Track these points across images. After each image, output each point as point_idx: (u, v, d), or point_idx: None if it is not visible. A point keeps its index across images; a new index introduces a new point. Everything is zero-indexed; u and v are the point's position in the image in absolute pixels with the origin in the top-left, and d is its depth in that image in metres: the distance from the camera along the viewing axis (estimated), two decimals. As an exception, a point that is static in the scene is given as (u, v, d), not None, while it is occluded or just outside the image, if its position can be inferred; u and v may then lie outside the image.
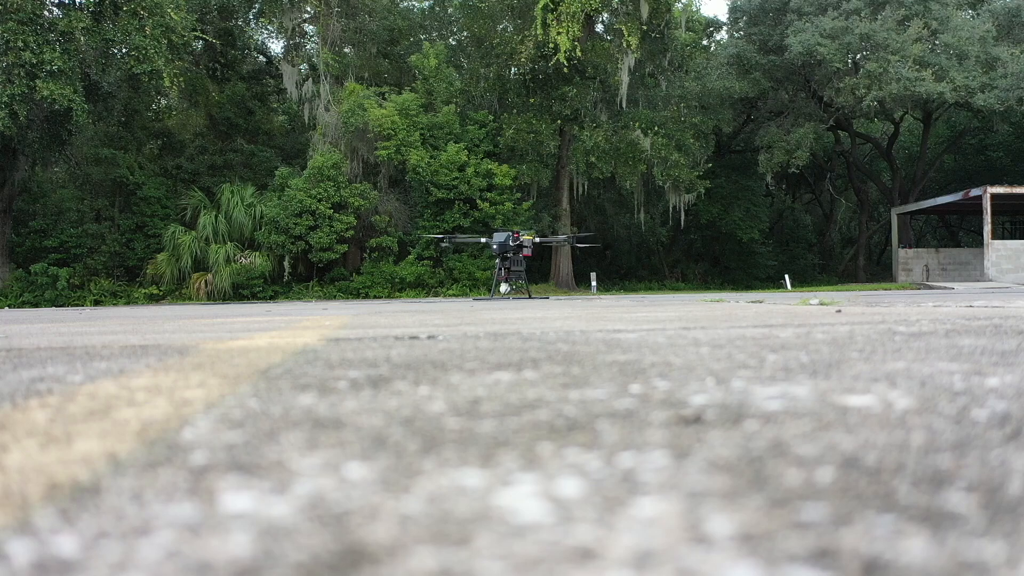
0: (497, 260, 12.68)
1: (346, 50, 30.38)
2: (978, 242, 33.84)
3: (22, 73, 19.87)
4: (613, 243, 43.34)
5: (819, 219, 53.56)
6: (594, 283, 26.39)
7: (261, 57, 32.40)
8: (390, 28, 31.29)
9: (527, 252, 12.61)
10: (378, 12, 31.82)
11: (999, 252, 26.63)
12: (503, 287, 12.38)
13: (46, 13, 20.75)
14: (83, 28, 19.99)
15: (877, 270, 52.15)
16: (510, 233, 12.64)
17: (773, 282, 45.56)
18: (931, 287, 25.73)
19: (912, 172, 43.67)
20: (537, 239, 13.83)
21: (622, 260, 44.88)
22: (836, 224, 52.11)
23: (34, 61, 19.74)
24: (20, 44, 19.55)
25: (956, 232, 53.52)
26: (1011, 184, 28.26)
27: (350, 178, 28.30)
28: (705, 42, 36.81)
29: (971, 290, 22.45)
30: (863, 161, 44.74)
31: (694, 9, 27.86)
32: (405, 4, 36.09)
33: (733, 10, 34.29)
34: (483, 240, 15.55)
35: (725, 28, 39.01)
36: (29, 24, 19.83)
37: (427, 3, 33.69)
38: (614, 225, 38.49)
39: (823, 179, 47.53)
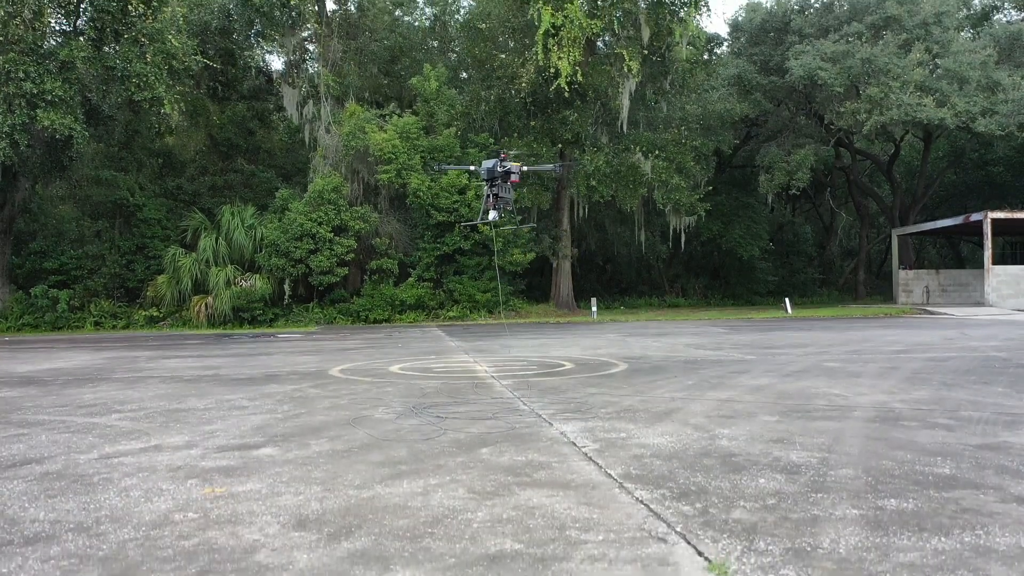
0: (485, 188, 12.70)
1: (347, 67, 30.31)
2: (980, 256, 33.75)
3: (23, 103, 19.83)
4: (613, 257, 43.32)
5: (819, 231, 53.54)
6: (594, 308, 26.35)
7: (262, 75, 32.33)
8: (391, 48, 31.29)
9: (515, 179, 12.63)
10: (378, 32, 31.83)
11: (999, 278, 26.60)
12: (492, 214, 12.39)
13: (48, 42, 20.68)
14: (83, 57, 19.99)
15: (877, 283, 52.09)
16: (497, 159, 12.69)
17: (774, 297, 45.47)
18: (931, 312, 25.69)
19: (912, 186, 43.68)
20: (525, 168, 13.90)
21: (622, 275, 44.83)
22: (837, 237, 52.12)
23: (35, 91, 19.71)
24: (21, 74, 19.53)
25: (957, 244, 53.55)
26: (1011, 208, 28.23)
27: (351, 200, 28.25)
28: (706, 56, 36.80)
29: (970, 318, 22.42)
30: (864, 176, 44.74)
31: (696, 26, 27.72)
32: (406, 19, 36.14)
33: (734, 28, 34.30)
34: (471, 168, 15.66)
35: (726, 43, 39.02)
36: (30, 54, 19.81)
37: (428, 22, 33.64)
38: (615, 242, 38.47)
39: (823, 192, 47.55)
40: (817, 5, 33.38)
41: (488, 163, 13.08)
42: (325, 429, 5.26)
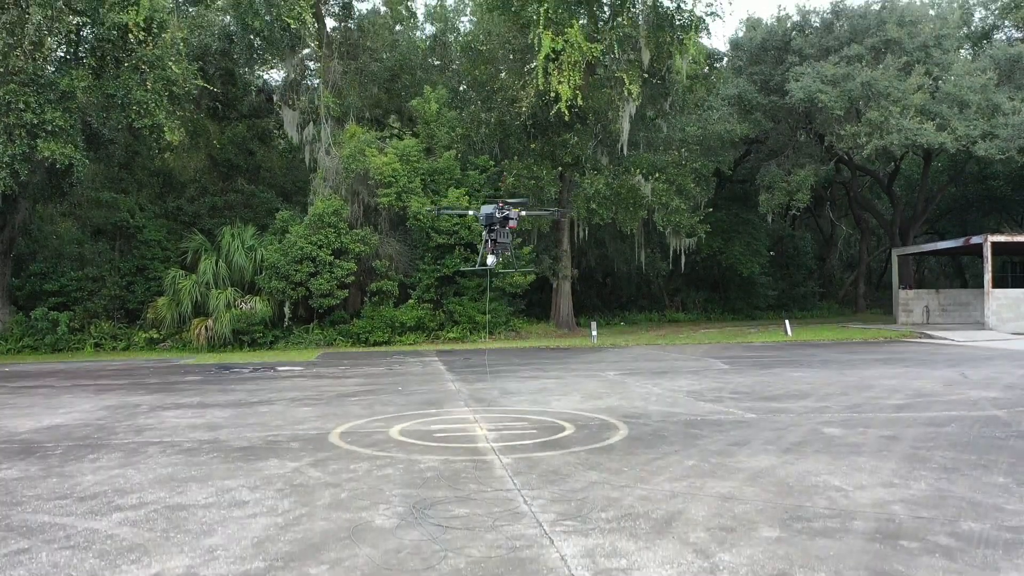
0: (484, 232, 12.86)
1: (347, 87, 30.34)
2: (981, 268, 33.73)
3: (23, 133, 19.85)
4: (613, 273, 43.31)
5: (819, 243, 53.54)
6: (594, 332, 26.34)
7: (262, 93, 32.38)
8: (391, 67, 31.31)
9: (512, 224, 12.76)
10: (379, 51, 31.85)
11: (999, 301, 26.62)
12: (490, 259, 12.51)
13: (47, 69, 20.68)
14: (84, 87, 19.98)
15: (877, 296, 52.14)
16: (496, 204, 12.81)
17: (774, 311, 45.51)
18: (930, 337, 25.69)
19: (912, 199, 43.71)
20: (523, 212, 14.04)
21: (622, 289, 44.85)
22: (837, 250, 52.15)
23: (35, 121, 19.72)
24: (21, 105, 19.53)
25: (959, 257, 53.58)
26: (1012, 228, 28.22)
27: (351, 221, 28.29)
28: (706, 69, 36.81)
29: (970, 345, 22.42)
30: (864, 189, 44.77)
31: (696, 47, 27.70)
32: (407, 36, 36.14)
33: (734, 47, 34.31)
34: (470, 212, 15.80)
35: (726, 59, 39.01)
36: (30, 85, 19.82)
37: (428, 42, 33.64)
38: (615, 259, 38.47)
39: (823, 205, 47.58)
40: (817, 23, 33.40)
41: (487, 209, 13.12)
42: (325, 547, 5.26)
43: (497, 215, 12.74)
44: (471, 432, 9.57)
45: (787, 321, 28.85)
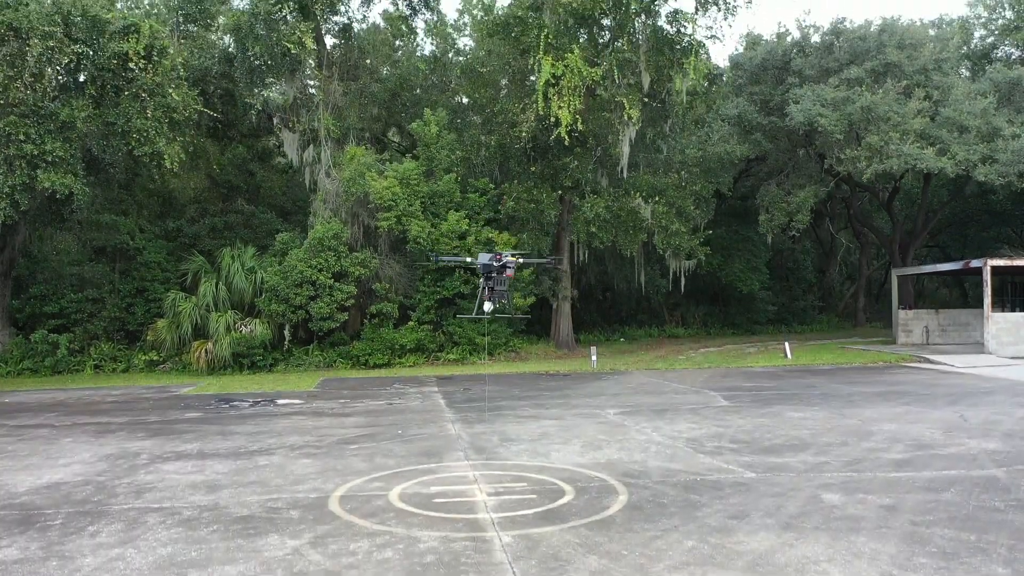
0: (482, 280, 13.09)
1: (347, 108, 30.35)
2: (981, 282, 33.69)
3: (23, 164, 19.87)
4: (613, 288, 43.29)
5: (819, 255, 53.54)
6: (594, 357, 26.33)
7: (263, 114, 32.38)
8: (391, 88, 31.32)
9: (510, 272, 12.95)
10: (379, 71, 31.89)
11: (999, 325, 26.64)
12: (487, 306, 12.66)
13: (48, 102, 20.69)
14: (84, 117, 20.00)
15: (878, 308, 52.18)
16: (494, 254, 12.98)
17: (774, 325, 45.55)
18: (930, 361, 25.71)
19: (913, 213, 43.73)
20: (521, 260, 14.21)
21: (622, 304, 44.83)
22: (837, 263, 52.16)
23: (35, 152, 19.74)
24: (22, 136, 19.55)
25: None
26: (1011, 254, 28.24)
27: (351, 243, 28.31)
28: (706, 84, 36.83)
29: (970, 373, 22.43)
30: (864, 203, 44.80)
31: (696, 70, 27.69)
32: (407, 52, 36.16)
33: (734, 66, 34.32)
34: (468, 260, 15.93)
35: (726, 75, 39.03)
36: (30, 116, 19.84)
37: (427, 67, 33.63)
38: (615, 276, 38.47)
39: (823, 219, 47.59)
40: (817, 40, 33.41)
41: (484, 257, 13.20)
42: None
43: (494, 263, 12.83)
44: (471, 497, 9.57)
45: (787, 343, 28.84)
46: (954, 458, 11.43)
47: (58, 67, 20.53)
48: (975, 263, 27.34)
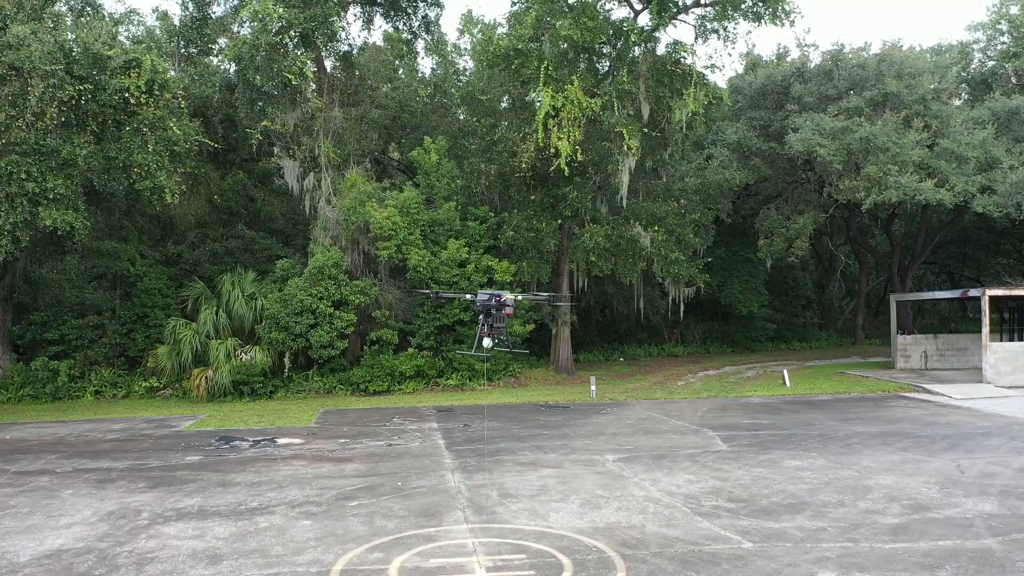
0: (480, 316, 13.28)
1: (347, 135, 30.44)
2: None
3: (24, 201, 19.96)
4: (612, 307, 43.36)
5: (818, 272, 53.60)
6: (594, 388, 26.40)
7: (265, 139, 32.51)
8: (391, 114, 31.43)
9: (509, 311, 13.13)
10: (378, 92, 31.98)
11: (997, 354, 26.71)
12: (486, 342, 12.82)
13: (49, 140, 20.77)
14: (86, 154, 20.09)
15: (877, 324, 52.26)
16: (493, 293, 13.17)
17: (772, 343, 45.66)
18: (927, 392, 25.79)
19: (913, 229, 43.79)
20: (520, 297, 14.38)
21: (621, 323, 44.91)
22: (836, 280, 52.22)
23: (37, 190, 19.84)
24: (23, 175, 19.65)
25: (957, 278, 53.69)
26: (1010, 283, 28.32)
27: (351, 270, 28.40)
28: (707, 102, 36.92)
29: (967, 408, 22.49)
30: (863, 219, 44.85)
31: (697, 97, 27.73)
32: (407, 72, 36.27)
33: (733, 90, 34.41)
34: (468, 296, 16.07)
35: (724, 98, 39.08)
36: (32, 155, 19.93)
37: (428, 89, 33.75)
38: (614, 299, 38.55)
39: (822, 236, 47.67)
40: (816, 64, 33.47)
41: (483, 295, 13.33)
42: None
43: (494, 301, 12.94)
44: (470, 574, 9.63)
45: (785, 371, 28.93)
46: (950, 524, 11.50)
47: (60, 105, 20.58)
48: (973, 292, 27.44)
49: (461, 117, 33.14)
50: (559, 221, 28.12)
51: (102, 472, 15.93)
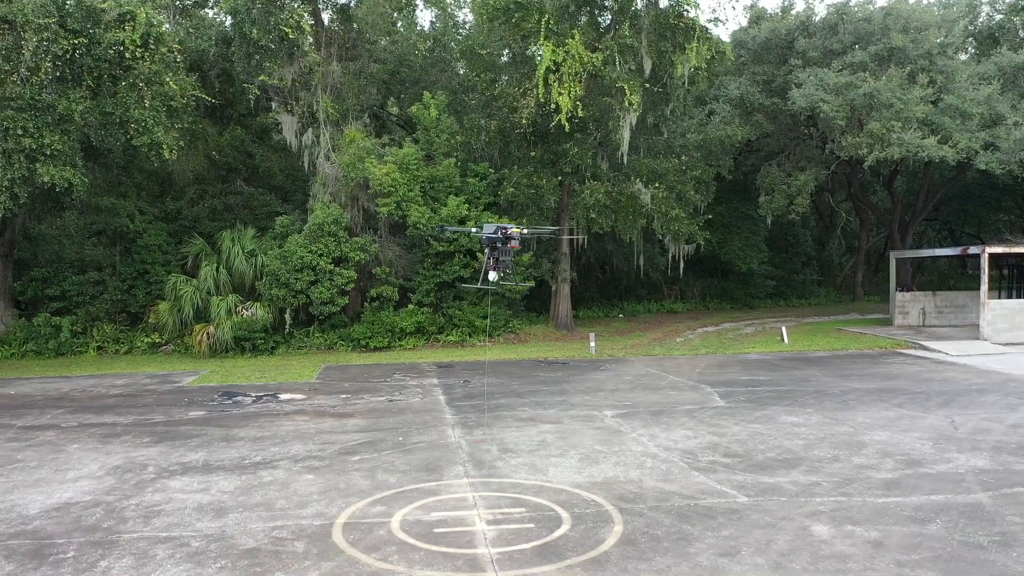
0: (486, 250, 13.37)
1: (345, 90, 30.11)
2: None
3: (21, 157, 19.84)
4: (612, 264, 43.39)
5: (819, 228, 53.49)
6: (593, 344, 26.56)
7: (263, 94, 32.16)
8: (390, 69, 31.03)
9: (515, 244, 13.20)
10: (376, 46, 31.53)
11: (995, 312, 26.82)
12: (492, 275, 12.96)
13: (44, 95, 20.55)
14: (82, 109, 19.90)
15: (876, 281, 52.35)
16: (499, 226, 13.23)
17: (772, 299, 45.78)
18: (925, 348, 25.98)
19: (915, 187, 43.63)
20: (526, 231, 14.45)
21: (621, 279, 44.99)
22: (837, 237, 52.14)
23: (34, 146, 19.70)
24: (19, 131, 19.49)
25: (957, 234, 53.58)
26: (1010, 240, 28.30)
27: (351, 227, 28.36)
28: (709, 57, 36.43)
29: (962, 365, 22.67)
30: (865, 175, 44.63)
31: (700, 51, 27.34)
32: (406, 25, 35.69)
33: (736, 45, 33.91)
34: (473, 230, 16.15)
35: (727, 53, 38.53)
36: (27, 110, 19.75)
37: (427, 42, 33.25)
38: (614, 255, 38.55)
39: (823, 192, 47.46)
40: (821, 17, 32.96)
41: (489, 228, 13.31)
42: None
43: (499, 235, 12.95)
44: (470, 526, 9.82)
45: (784, 328, 29.08)
46: (942, 479, 11.69)
47: (54, 59, 20.33)
48: (973, 250, 27.44)
49: (461, 72, 32.82)
50: (559, 177, 27.98)
51: (107, 427, 16.14)
